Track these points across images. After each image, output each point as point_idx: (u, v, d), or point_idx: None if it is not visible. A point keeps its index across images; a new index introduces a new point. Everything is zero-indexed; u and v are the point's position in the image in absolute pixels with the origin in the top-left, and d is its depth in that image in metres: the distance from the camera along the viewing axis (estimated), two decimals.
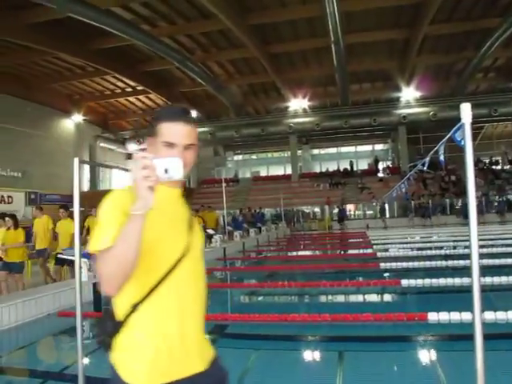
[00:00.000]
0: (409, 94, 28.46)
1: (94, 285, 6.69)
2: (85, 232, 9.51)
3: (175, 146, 1.47)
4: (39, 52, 20.88)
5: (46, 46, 19.86)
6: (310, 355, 4.76)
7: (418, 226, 24.28)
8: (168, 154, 1.43)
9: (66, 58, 22.40)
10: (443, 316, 4.90)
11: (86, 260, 7.18)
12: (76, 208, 3.14)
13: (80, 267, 3.26)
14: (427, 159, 7.56)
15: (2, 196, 22.91)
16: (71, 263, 7.94)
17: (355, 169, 33.54)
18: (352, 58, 23.32)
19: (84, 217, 11.37)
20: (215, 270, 11.70)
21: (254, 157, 39.77)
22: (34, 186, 25.14)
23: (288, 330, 5.54)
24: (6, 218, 8.21)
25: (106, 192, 3.35)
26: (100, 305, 7.21)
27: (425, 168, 8.63)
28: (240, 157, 39.22)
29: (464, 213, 22.06)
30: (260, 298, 8.38)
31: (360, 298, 7.81)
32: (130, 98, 30.36)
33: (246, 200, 29.06)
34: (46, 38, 18.97)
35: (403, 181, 14.99)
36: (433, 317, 4.95)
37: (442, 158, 4.13)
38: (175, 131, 1.48)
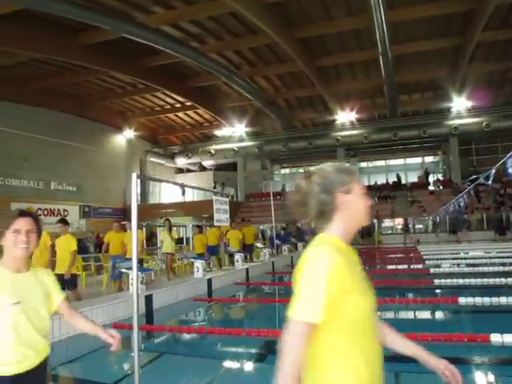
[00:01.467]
0: (460, 104, 27.56)
1: (147, 298, 6.79)
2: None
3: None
4: (94, 71, 21.74)
5: (100, 66, 20.65)
6: None
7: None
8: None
9: (118, 76, 23.19)
10: (508, 338, 4.62)
11: (139, 273, 7.31)
12: (134, 221, 3.20)
13: (136, 280, 3.30)
14: (492, 171, 7.24)
15: (59, 209, 23.90)
16: (71, 286, 7.57)
17: (404, 182, 32.75)
18: (400, 69, 22.92)
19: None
20: (264, 284, 11.67)
21: (301, 170, 39.56)
22: (87, 199, 26.06)
23: None
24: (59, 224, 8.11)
25: (155, 206, 3.39)
26: (152, 318, 7.32)
27: (489, 182, 8.25)
28: (287, 170, 39.17)
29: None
30: None
31: (415, 315, 7.53)
32: (179, 114, 30.98)
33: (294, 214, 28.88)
34: (101, 58, 19.72)
35: (462, 194, 14.45)
36: (496, 338, 4.68)
37: (510, 170, 3.96)
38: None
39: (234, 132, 31.57)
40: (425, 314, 7.25)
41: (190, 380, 4.79)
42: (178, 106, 29.18)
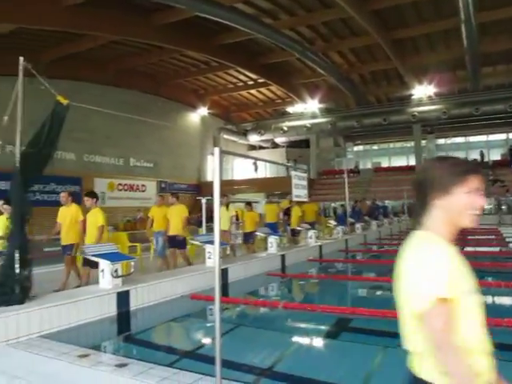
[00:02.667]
0: None
1: (222, 271, 7.01)
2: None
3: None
4: (169, 51, 22.30)
5: (174, 45, 21.13)
6: None
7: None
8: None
9: (191, 54, 23.63)
10: None
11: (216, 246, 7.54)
12: (216, 196, 3.29)
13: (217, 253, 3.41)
14: None
15: (137, 185, 25.09)
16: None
17: (486, 159, 31.01)
18: (484, 38, 21.49)
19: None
20: (337, 261, 11.63)
21: (375, 147, 38.64)
22: (163, 175, 27.07)
23: None
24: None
25: (228, 182, 3.46)
26: (227, 291, 7.55)
27: None
28: (360, 147, 38.35)
29: None
30: (382, 293, 8.14)
31: (499, 300, 7.22)
32: (252, 91, 31.13)
33: (367, 191, 28.37)
34: (175, 38, 20.16)
35: None
36: None
37: None
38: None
39: (307, 108, 31.26)
40: (509, 300, 6.92)
41: (265, 352, 4.92)
42: (251, 83, 29.30)
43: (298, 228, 12.99)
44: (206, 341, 5.36)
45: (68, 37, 18.68)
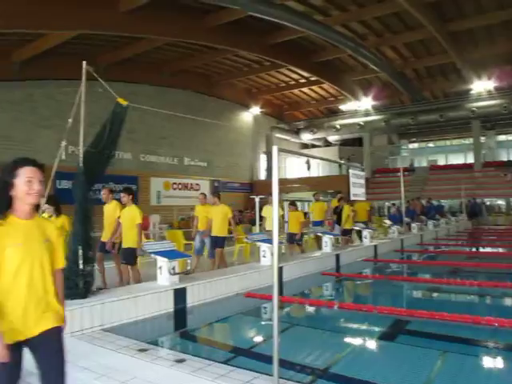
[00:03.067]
0: None
1: (279, 269, 7.02)
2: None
3: None
4: (221, 51, 22.53)
5: (227, 45, 21.32)
6: (507, 366, 4.31)
7: None
8: None
9: (244, 54, 23.76)
10: None
11: (269, 245, 7.57)
12: (275, 195, 3.29)
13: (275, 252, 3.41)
14: None
15: (191, 184, 25.59)
16: (129, 261, 6.97)
17: None
18: None
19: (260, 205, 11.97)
20: (393, 261, 11.39)
21: (430, 145, 37.49)
22: (216, 174, 27.44)
23: (475, 334, 5.10)
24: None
25: (280, 181, 3.44)
26: (282, 289, 7.55)
27: None
28: (416, 145, 37.31)
29: None
30: (440, 295, 7.89)
31: None
32: (304, 89, 30.95)
33: (423, 190, 27.59)
34: (227, 38, 20.34)
35: None
36: None
37: None
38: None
39: (360, 106, 30.75)
40: None
41: (320, 352, 4.88)
42: (303, 81, 29.15)
43: (349, 228, 12.46)
44: (261, 339, 5.39)
45: (125, 40, 19.25)
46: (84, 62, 5.62)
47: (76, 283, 5.22)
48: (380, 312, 5.88)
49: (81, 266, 5.31)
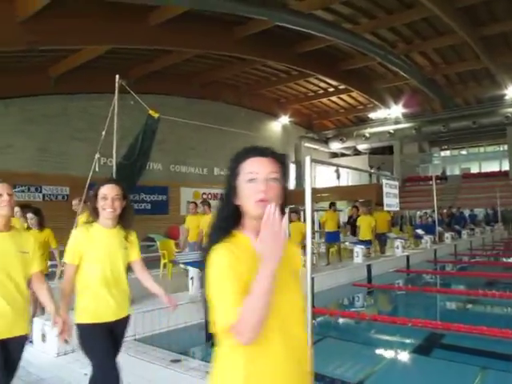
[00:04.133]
0: None
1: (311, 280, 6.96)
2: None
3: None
4: (250, 62, 22.69)
5: (255, 56, 21.45)
6: None
7: None
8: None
9: (272, 64, 23.85)
10: None
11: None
12: (308, 204, 3.27)
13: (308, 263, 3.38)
14: None
15: (221, 194, 25.68)
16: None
17: None
18: None
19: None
20: (426, 272, 11.16)
21: (463, 152, 36.68)
22: None
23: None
24: None
25: (311, 190, 3.39)
26: (313, 299, 7.47)
27: None
28: (447, 152, 36.59)
29: None
30: (477, 308, 7.65)
31: None
32: (333, 98, 30.81)
33: (456, 199, 26.98)
34: (256, 49, 20.46)
35: None
36: None
37: None
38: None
39: (390, 114, 30.40)
40: None
41: (352, 366, 4.80)
42: (332, 90, 29.03)
43: (369, 239, 11.60)
44: None
45: (155, 54, 19.61)
46: (117, 76, 5.74)
47: None
48: (414, 325, 5.74)
49: None
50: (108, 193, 2.83)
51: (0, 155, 17.28)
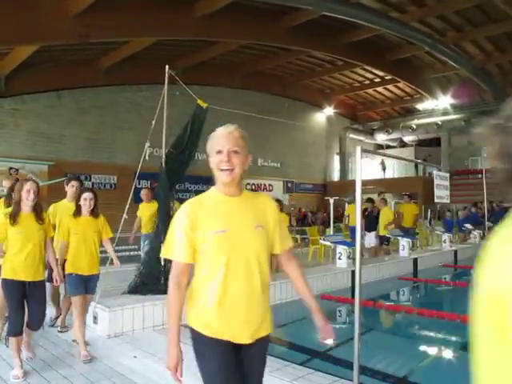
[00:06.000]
0: None
1: (353, 272, 6.91)
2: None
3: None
4: (295, 52, 22.55)
5: (300, 46, 21.29)
6: None
7: None
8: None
9: (317, 54, 23.60)
10: None
11: (346, 247, 7.47)
12: (358, 195, 3.25)
13: (357, 252, 3.36)
14: None
15: (265, 184, 25.85)
16: None
17: None
18: None
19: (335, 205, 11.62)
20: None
21: None
22: (290, 175, 27.47)
23: None
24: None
25: (354, 182, 3.36)
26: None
27: None
28: None
29: None
30: None
31: None
32: (378, 89, 30.21)
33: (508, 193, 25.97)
34: (301, 39, 20.29)
35: None
36: None
37: None
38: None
39: (437, 105, 29.54)
40: None
41: (398, 360, 4.75)
42: (378, 80, 28.48)
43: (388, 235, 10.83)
44: (337, 343, 5.32)
45: (200, 45, 19.76)
46: (167, 66, 5.85)
47: (158, 279, 5.44)
48: (464, 321, 5.59)
49: (162, 263, 5.51)
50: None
51: (54, 145, 18.02)
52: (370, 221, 10.74)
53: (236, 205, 2.09)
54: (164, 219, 5.59)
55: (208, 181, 2.41)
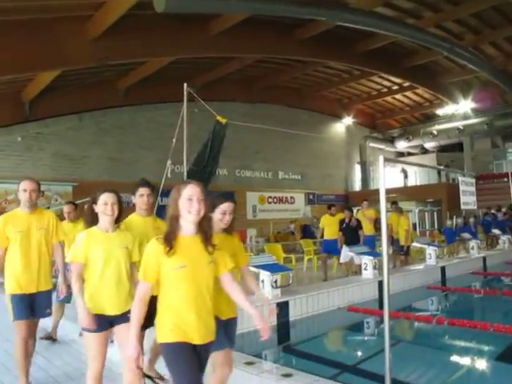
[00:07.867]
0: None
1: (380, 283, 6.80)
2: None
3: None
4: (311, 64, 22.59)
5: (316, 58, 21.32)
6: None
7: None
8: None
9: (333, 65, 23.59)
10: None
11: (371, 258, 7.36)
12: (382, 204, 3.22)
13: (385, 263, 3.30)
14: None
15: (286, 197, 25.80)
16: None
17: None
18: None
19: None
20: (505, 275, 10.56)
21: None
22: (311, 187, 27.37)
23: None
24: None
25: (377, 191, 3.30)
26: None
27: None
28: None
29: None
30: None
31: None
32: (397, 96, 29.99)
33: None
34: (317, 50, 20.32)
35: None
36: None
37: None
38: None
39: (458, 110, 29.14)
40: None
41: (429, 372, 4.63)
42: (396, 87, 28.29)
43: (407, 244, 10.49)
44: (366, 355, 5.23)
45: (216, 61, 19.97)
46: (185, 84, 5.92)
47: None
48: (497, 330, 5.44)
49: None
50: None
51: (77, 166, 18.36)
52: (349, 233, 9.91)
53: None
54: None
55: (229, 195, 2.46)
